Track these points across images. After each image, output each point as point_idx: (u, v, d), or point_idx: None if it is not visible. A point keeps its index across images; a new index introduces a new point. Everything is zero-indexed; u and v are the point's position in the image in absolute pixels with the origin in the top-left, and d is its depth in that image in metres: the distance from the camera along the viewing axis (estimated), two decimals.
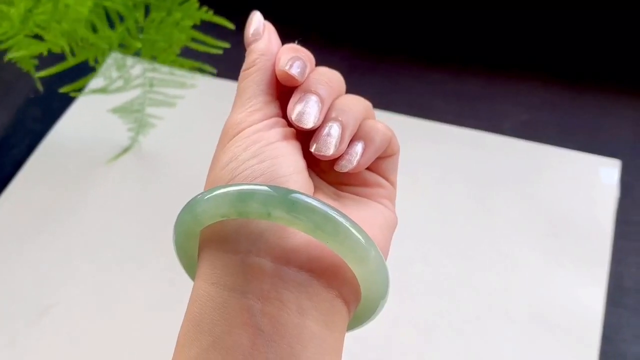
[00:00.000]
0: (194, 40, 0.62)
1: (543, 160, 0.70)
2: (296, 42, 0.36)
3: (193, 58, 0.64)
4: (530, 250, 0.64)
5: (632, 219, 0.67)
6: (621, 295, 0.62)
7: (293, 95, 0.34)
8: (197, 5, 0.61)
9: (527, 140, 0.72)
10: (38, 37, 0.56)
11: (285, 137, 0.33)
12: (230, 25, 0.60)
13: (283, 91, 0.35)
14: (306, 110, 0.33)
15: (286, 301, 0.30)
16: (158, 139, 0.71)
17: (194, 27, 0.62)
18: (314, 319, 0.30)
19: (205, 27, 0.63)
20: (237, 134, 0.33)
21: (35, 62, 0.58)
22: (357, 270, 0.31)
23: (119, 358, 0.58)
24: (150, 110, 0.67)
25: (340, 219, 0.30)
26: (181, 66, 0.62)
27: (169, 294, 0.61)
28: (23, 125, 0.75)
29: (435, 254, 0.63)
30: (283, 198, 0.29)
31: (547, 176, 0.69)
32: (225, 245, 0.31)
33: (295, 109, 0.33)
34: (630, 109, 0.76)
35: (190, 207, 0.32)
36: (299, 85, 0.34)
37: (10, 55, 0.55)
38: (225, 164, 0.32)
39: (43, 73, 0.57)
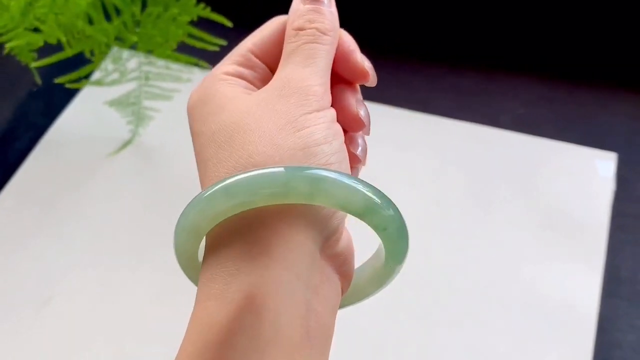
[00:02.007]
0: (190, 36, 0.63)
1: (540, 153, 0.71)
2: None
3: (189, 54, 0.65)
4: (527, 242, 0.64)
5: (628, 211, 0.68)
6: (617, 286, 0.63)
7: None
8: (194, 1, 0.61)
9: (524, 134, 0.72)
10: (38, 30, 0.57)
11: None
12: (228, 23, 0.61)
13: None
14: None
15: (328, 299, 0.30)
16: (159, 132, 0.72)
17: (191, 23, 0.62)
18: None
19: (203, 23, 0.64)
20: (319, 112, 0.31)
21: (34, 55, 0.59)
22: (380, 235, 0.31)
23: (120, 347, 0.59)
24: (147, 103, 0.68)
25: (337, 177, 0.29)
26: (177, 61, 0.63)
27: (170, 284, 0.62)
28: (26, 119, 0.76)
29: (432, 246, 0.64)
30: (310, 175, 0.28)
31: (544, 169, 0.69)
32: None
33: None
34: (626, 103, 0.76)
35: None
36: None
37: (7, 46, 0.56)
38: (315, 144, 0.30)
39: (39, 63, 0.58)
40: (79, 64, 0.63)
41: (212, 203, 0.29)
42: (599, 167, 0.69)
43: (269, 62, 0.35)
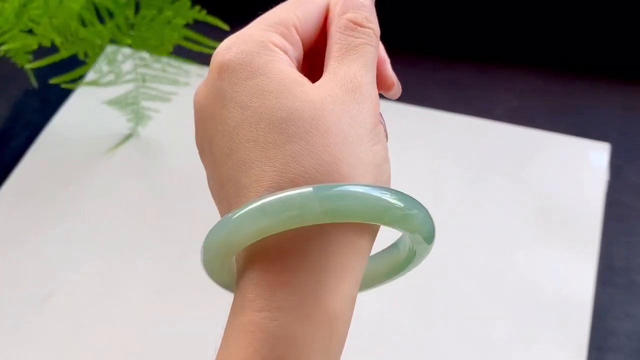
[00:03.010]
0: (186, 39, 0.63)
1: (534, 145, 0.71)
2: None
3: (186, 57, 0.65)
4: (522, 232, 0.65)
5: (621, 201, 0.68)
6: (612, 274, 0.63)
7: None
8: (189, 4, 0.62)
9: (517, 126, 0.73)
10: (32, 32, 0.57)
11: None
12: (225, 26, 0.61)
13: None
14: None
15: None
16: (156, 129, 0.72)
17: (188, 26, 0.62)
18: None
19: (199, 26, 0.64)
20: (381, 125, 0.30)
21: (30, 57, 0.59)
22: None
23: (120, 343, 0.59)
24: (145, 103, 0.68)
25: (386, 197, 0.28)
26: (174, 63, 0.63)
27: (168, 280, 0.63)
28: (22, 117, 0.76)
29: None
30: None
31: (538, 160, 0.70)
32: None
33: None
34: (618, 94, 0.77)
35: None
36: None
37: (2, 49, 0.56)
38: (384, 161, 0.30)
39: (34, 64, 0.58)
40: (74, 65, 0.64)
41: (304, 207, 0.26)
42: (593, 157, 0.70)
43: (304, 41, 0.32)
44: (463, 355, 0.58)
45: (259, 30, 0.30)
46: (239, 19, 0.37)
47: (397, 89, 0.34)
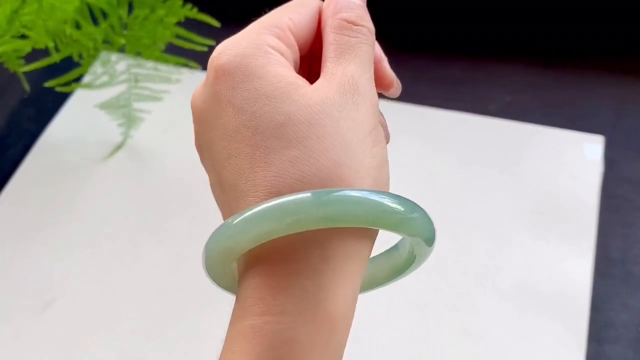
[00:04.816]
0: (178, 37, 0.63)
1: (528, 139, 0.72)
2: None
3: (178, 55, 0.65)
4: (519, 227, 0.65)
5: (617, 193, 0.68)
6: (609, 266, 0.64)
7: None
8: (180, 2, 0.62)
9: (511, 120, 0.73)
10: (24, 37, 0.57)
11: None
12: (216, 23, 0.61)
13: None
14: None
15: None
16: (151, 134, 0.72)
17: (179, 24, 0.63)
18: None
19: (190, 24, 0.64)
20: (380, 127, 0.30)
21: (22, 62, 0.59)
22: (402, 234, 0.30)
23: (121, 347, 0.59)
24: (137, 105, 0.68)
25: (386, 202, 0.28)
26: (166, 62, 0.64)
27: (165, 284, 0.63)
28: (18, 126, 0.76)
29: None
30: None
31: (533, 155, 0.70)
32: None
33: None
34: (610, 87, 0.77)
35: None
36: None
37: None
38: (384, 163, 0.29)
39: (28, 67, 0.58)
40: (68, 69, 0.64)
41: (302, 212, 0.26)
42: (587, 150, 0.70)
43: (301, 45, 0.32)
44: (462, 350, 0.58)
45: (255, 33, 0.30)
46: (230, 16, 0.36)
47: (396, 87, 0.34)
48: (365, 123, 0.29)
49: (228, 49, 0.30)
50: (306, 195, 0.26)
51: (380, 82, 0.33)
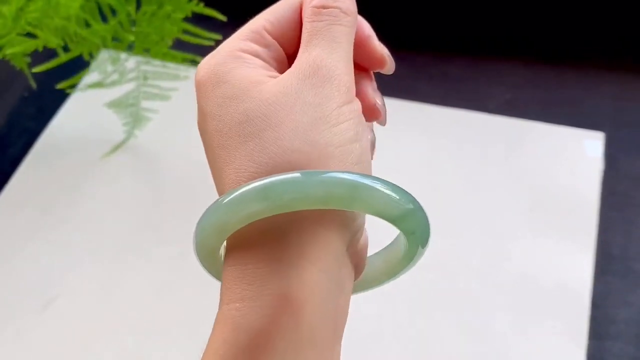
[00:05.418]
0: (185, 32, 0.63)
1: (528, 136, 0.72)
2: None
3: (185, 50, 0.65)
4: (519, 224, 0.65)
5: (617, 189, 0.69)
6: (609, 263, 0.64)
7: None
8: None
9: (511, 117, 0.73)
10: (30, 35, 0.56)
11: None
12: (222, 17, 0.61)
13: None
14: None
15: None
16: (153, 133, 0.72)
17: (186, 19, 0.62)
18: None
19: (197, 19, 0.64)
20: (350, 104, 0.30)
21: (28, 59, 0.59)
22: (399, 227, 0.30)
23: (122, 346, 0.59)
24: (145, 104, 0.68)
25: (374, 184, 0.29)
26: (173, 58, 0.63)
27: (167, 283, 0.63)
28: (19, 124, 0.76)
29: None
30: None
31: (533, 152, 0.71)
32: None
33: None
34: (610, 83, 0.77)
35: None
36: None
37: (4, 52, 0.56)
38: (349, 141, 0.29)
39: (38, 69, 0.58)
40: (71, 67, 0.63)
41: (247, 203, 0.27)
42: (587, 147, 0.71)
43: (283, 42, 0.32)
44: (462, 347, 0.59)
45: (229, 41, 0.31)
46: (236, 9, 0.37)
47: (389, 63, 0.34)
48: (322, 104, 0.29)
49: (205, 62, 0.31)
50: (251, 186, 0.27)
51: (370, 60, 0.33)
